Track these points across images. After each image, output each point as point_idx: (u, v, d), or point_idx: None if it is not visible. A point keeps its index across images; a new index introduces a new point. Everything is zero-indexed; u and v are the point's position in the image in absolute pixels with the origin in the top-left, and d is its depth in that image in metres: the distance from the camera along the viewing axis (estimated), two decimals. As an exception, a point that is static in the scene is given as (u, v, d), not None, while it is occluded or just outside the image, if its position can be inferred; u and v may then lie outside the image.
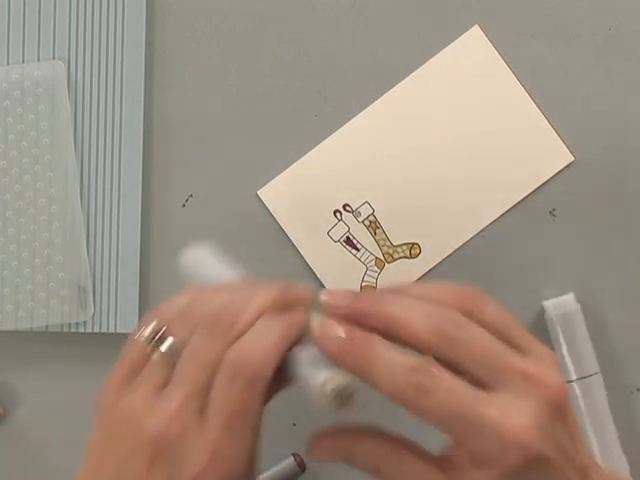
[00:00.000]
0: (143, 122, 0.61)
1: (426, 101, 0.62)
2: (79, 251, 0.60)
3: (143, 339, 0.49)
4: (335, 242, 0.61)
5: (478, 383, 0.43)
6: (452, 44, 0.62)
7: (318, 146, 0.62)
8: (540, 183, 0.62)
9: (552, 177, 0.62)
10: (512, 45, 0.62)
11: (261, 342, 0.46)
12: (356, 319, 0.44)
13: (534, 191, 0.62)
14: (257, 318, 0.47)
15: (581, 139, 0.62)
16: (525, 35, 0.62)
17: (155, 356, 0.49)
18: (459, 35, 0.62)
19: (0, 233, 0.60)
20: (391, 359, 0.43)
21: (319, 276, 0.61)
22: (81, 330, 0.61)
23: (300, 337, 0.47)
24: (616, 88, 0.62)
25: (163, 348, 0.49)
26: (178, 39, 0.61)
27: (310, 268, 0.61)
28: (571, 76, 0.62)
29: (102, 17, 0.60)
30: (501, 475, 0.43)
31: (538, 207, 0.62)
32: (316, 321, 0.45)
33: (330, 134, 0.62)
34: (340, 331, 0.44)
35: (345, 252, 0.61)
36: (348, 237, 0.62)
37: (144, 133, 0.61)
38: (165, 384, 0.48)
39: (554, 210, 0.62)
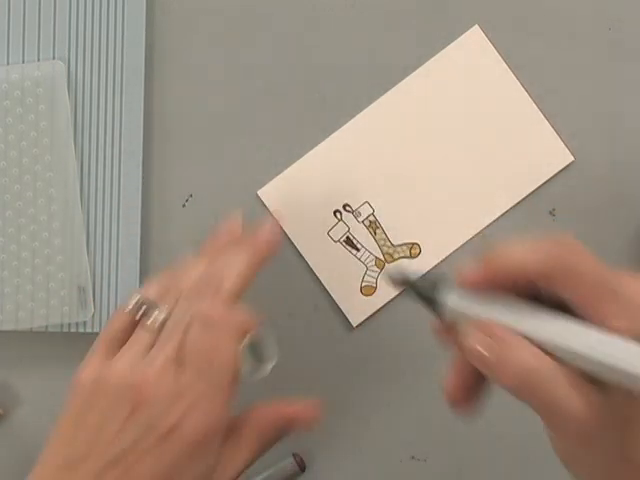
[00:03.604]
0: (143, 122, 0.61)
1: (426, 101, 0.62)
2: (79, 251, 0.60)
3: (127, 311, 0.52)
4: (335, 242, 0.61)
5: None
6: (452, 44, 0.62)
7: (318, 146, 0.62)
8: (540, 183, 0.62)
9: (552, 177, 0.62)
10: (512, 45, 0.62)
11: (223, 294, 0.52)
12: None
13: (534, 191, 0.62)
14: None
15: (581, 139, 0.62)
16: (525, 35, 0.62)
17: (140, 326, 0.52)
18: (459, 35, 0.62)
19: (0, 233, 0.60)
20: None
21: (319, 276, 0.61)
22: (81, 330, 0.61)
23: (263, 261, 0.54)
24: (616, 88, 0.62)
25: (148, 320, 0.52)
26: (178, 39, 0.61)
27: (310, 268, 0.61)
28: (571, 76, 0.62)
29: (102, 17, 0.60)
30: None
31: (538, 207, 0.62)
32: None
33: (330, 134, 0.62)
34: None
35: (345, 252, 0.61)
36: (348, 237, 0.62)
37: (144, 133, 0.61)
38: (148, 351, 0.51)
39: (554, 210, 0.62)
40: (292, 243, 0.61)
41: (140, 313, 0.52)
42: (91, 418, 0.51)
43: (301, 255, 0.61)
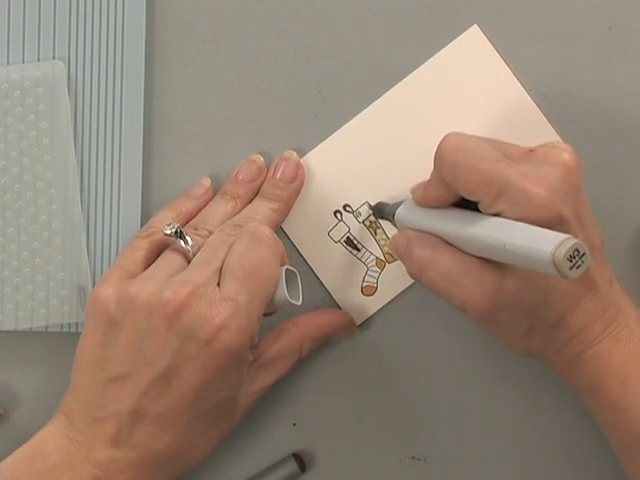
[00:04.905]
0: (143, 122, 0.61)
1: (425, 101, 0.62)
2: (79, 251, 0.60)
3: (165, 233, 0.55)
4: (336, 242, 0.61)
5: None
6: (451, 44, 0.62)
7: (318, 146, 0.62)
8: (540, 183, 0.62)
9: (552, 177, 0.62)
10: (512, 45, 0.62)
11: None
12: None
13: (534, 191, 0.62)
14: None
15: (581, 139, 0.62)
16: (525, 35, 0.62)
17: (171, 249, 0.55)
18: (458, 35, 0.62)
19: (0, 233, 0.60)
20: None
21: (319, 276, 0.61)
22: (81, 330, 0.61)
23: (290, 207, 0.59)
24: (616, 88, 0.62)
25: (186, 244, 0.54)
26: (178, 39, 0.61)
27: (310, 268, 0.61)
28: (571, 76, 0.62)
29: (102, 17, 0.60)
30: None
31: (538, 207, 0.62)
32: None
33: (330, 134, 0.62)
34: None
35: (346, 252, 0.61)
36: (348, 237, 0.62)
37: (144, 133, 0.61)
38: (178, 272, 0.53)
39: (554, 210, 0.62)
40: (292, 244, 0.61)
41: (174, 238, 0.54)
42: (124, 337, 0.51)
43: (302, 255, 0.61)
